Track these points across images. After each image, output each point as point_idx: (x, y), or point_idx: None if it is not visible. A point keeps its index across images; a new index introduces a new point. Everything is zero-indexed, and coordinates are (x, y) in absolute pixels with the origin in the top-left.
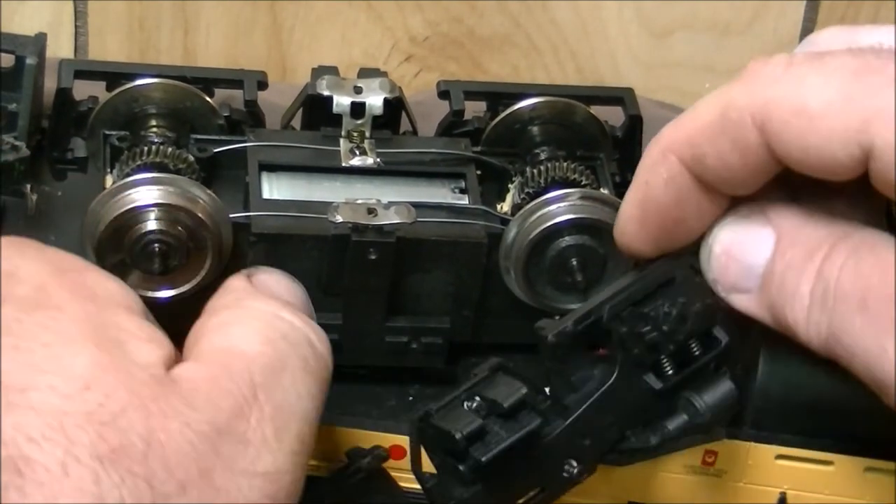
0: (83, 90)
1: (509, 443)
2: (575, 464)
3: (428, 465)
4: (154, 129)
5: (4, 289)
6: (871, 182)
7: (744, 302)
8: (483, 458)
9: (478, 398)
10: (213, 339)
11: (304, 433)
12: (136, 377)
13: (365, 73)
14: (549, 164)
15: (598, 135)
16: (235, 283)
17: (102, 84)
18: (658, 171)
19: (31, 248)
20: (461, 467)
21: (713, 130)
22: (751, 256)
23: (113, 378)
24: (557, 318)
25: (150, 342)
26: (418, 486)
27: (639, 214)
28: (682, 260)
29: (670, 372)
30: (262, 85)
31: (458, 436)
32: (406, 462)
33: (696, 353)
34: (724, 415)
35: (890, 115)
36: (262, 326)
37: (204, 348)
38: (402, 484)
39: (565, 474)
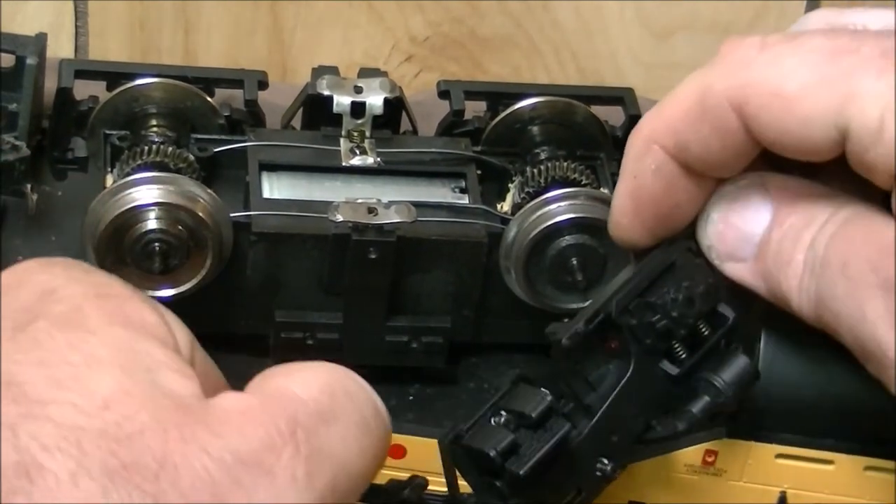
0: (84, 90)
1: (544, 452)
2: (606, 461)
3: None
4: (154, 129)
5: (43, 304)
6: (848, 164)
7: (739, 271)
8: (521, 472)
9: (503, 413)
10: (273, 380)
11: (340, 483)
12: (160, 403)
13: (365, 72)
14: (549, 164)
15: (599, 134)
16: None
17: (103, 84)
18: (644, 163)
19: (76, 269)
20: (498, 483)
21: (692, 117)
22: (748, 225)
23: (135, 401)
24: (566, 320)
25: (180, 375)
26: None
27: (631, 206)
28: (678, 244)
29: (683, 356)
30: (263, 85)
31: (492, 453)
32: (406, 462)
33: (706, 332)
34: (744, 389)
35: (864, 96)
36: (327, 378)
37: (260, 386)
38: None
39: (599, 473)
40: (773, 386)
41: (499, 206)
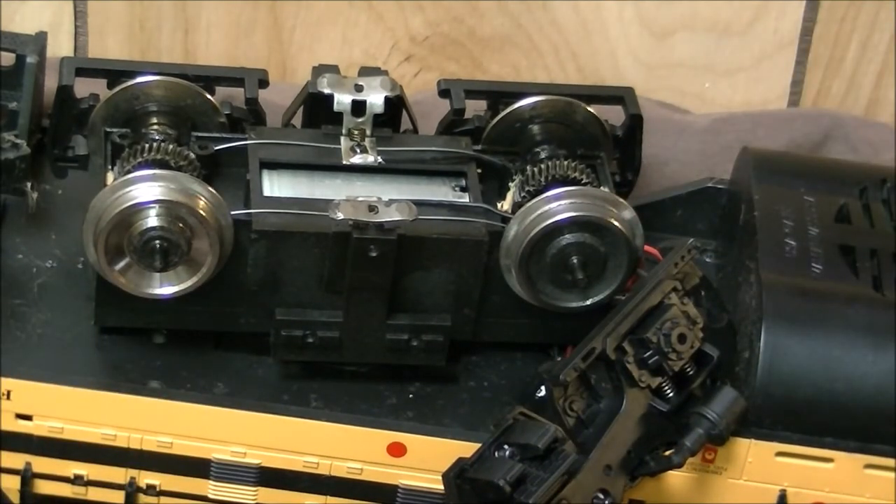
0: (84, 88)
1: (552, 479)
2: (602, 496)
3: None
4: (155, 127)
5: None
6: None
7: None
8: (531, 501)
9: (506, 446)
10: None
11: None
12: None
13: (366, 71)
14: (549, 163)
15: (599, 134)
16: None
17: (103, 82)
18: None
19: None
20: None
21: None
22: None
23: None
24: (558, 359)
25: None
26: (419, 485)
27: None
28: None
29: (671, 394)
30: (263, 83)
31: (501, 483)
32: (406, 460)
33: (691, 372)
34: (737, 420)
35: None
36: None
37: None
38: (403, 482)
39: None
40: (773, 384)
41: (499, 205)
